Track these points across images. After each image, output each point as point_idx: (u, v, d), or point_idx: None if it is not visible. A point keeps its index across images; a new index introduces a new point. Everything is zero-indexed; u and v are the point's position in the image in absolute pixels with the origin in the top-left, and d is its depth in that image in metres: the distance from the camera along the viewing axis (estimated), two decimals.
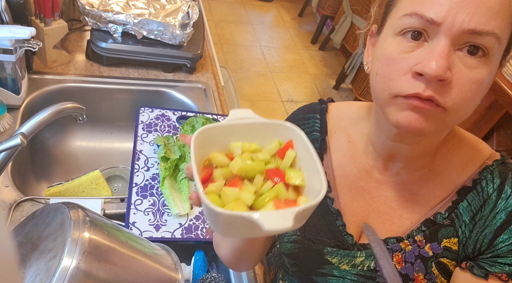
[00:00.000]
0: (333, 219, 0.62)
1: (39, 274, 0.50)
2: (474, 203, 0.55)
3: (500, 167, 0.56)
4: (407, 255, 0.57)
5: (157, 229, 0.82)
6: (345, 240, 0.61)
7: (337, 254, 0.61)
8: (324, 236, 0.62)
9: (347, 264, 0.60)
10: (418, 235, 0.57)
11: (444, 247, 0.56)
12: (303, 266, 0.64)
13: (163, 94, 1.21)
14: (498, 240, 0.53)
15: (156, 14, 1.17)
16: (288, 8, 3.86)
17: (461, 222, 0.55)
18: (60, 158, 1.16)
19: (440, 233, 0.56)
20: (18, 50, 0.91)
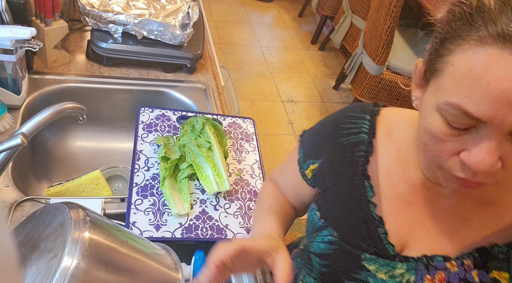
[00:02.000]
0: (374, 226, 0.59)
1: (40, 274, 0.50)
2: None
3: None
4: (451, 276, 0.55)
5: (157, 229, 0.82)
6: (386, 249, 0.58)
7: (375, 261, 0.59)
8: (363, 241, 0.60)
9: (385, 273, 0.58)
10: (468, 259, 0.54)
11: (493, 279, 0.53)
12: (336, 268, 0.62)
13: (163, 94, 1.21)
14: None
15: (156, 15, 1.18)
16: (288, 8, 3.86)
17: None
18: (60, 158, 1.16)
19: (492, 263, 0.53)
20: (19, 50, 0.91)
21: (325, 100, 2.99)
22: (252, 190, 0.97)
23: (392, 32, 2.13)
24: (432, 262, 0.56)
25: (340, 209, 0.63)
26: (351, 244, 0.60)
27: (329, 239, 0.63)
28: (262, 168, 1.04)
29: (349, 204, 0.62)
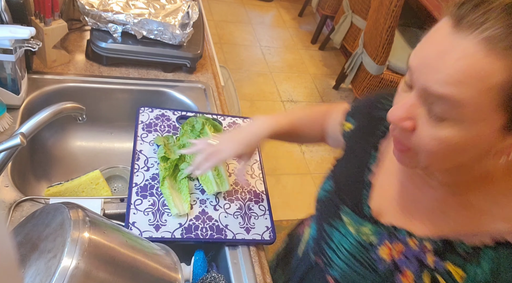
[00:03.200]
0: (362, 187, 0.67)
1: (39, 274, 0.50)
2: (504, 258, 0.52)
3: None
4: (408, 251, 0.59)
5: (157, 229, 0.82)
6: (363, 209, 0.65)
7: (350, 216, 0.66)
8: (348, 197, 0.68)
9: (354, 228, 0.65)
10: (429, 244, 0.57)
11: (447, 270, 0.55)
12: (322, 212, 0.72)
13: (163, 94, 1.21)
14: None
15: (156, 14, 1.17)
16: (288, 8, 3.86)
17: (477, 264, 0.53)
18: (60, 158, 1.16)
19: (450, 256, 0.56)
20: (18, 50, 0.91)
21: (325, 100, 2.99)
22: (252, 190, 0.97)
23: (392, 31, 2.13)
24: (396, 233, 0.61)
25: (344, 167, 0.72)
26: (339, 196, 0.69)
27: (327, 189, 0.73)
28: (262, 168, 1.04)
29: (353, 165, 0.70)
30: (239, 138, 0.83)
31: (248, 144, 0.82)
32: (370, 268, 0.62)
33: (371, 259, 0.62)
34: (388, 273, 0.60)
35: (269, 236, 0.88)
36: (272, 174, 2.34)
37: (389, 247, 0.61)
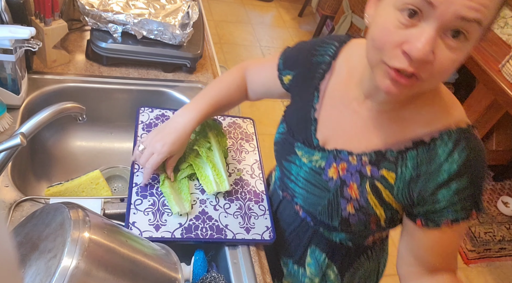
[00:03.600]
0: (310, 124, 0.78)
1: (39, 274, 0.50)
2: (423, 155, 0.65)
3: (459, 134, 0.64)
4: (350, 167, 0.72)
5: (157, 229, 0.82)
6: (312, 141, 0.77)
7: (303, 149, 0.79)
8: (299, 134, 0.80)
9: (306, 158, 0.78)
10: (366, 157, 0.70)
11: (382, 175, 0.69)
12: (280, 152, 0.84)
13: (163, 94, 1.21)
14: (439, 192, 0.64)
15: (156, 14, 1.17)
16: (288, 8, 3.86)
17: (403, 164, 0.67)
18: (60, 158, 1.16)
19: (383, 164, 0.69)
20: (18, 50, 0.91)
21: None
22: (252, 190, 0.97)
23: None
24: (340, 155, 0.73)
25: (293, 111, 0.83)
26: (292, 135, 0.81)
27: (281, 131, 0.84)
28: (262, 168, 1.04)
29: (300, 107, 0.81)
30: (167, 138, 0.86)
31: (177, 142, 0.86)
32: (323, 188, 0.75)
33: (323, 180, 0.74)
34: (338, 188, 0.72)
35: (269, 236, 0.88)
36: None
37: (335, 168, 0.73)
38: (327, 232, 0.83)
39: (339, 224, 0.75)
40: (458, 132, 0.64)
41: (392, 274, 2.15)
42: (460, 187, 0.64)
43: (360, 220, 0.73)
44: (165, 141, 0.85)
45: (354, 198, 0.72)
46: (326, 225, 0.79)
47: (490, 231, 2.43)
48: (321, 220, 0.78)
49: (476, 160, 0.64)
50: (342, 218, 0.74)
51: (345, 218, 0.73)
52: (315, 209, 0.77)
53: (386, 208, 0.70)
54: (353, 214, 0.72)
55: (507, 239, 2.42)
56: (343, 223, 0.74)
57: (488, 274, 2.23)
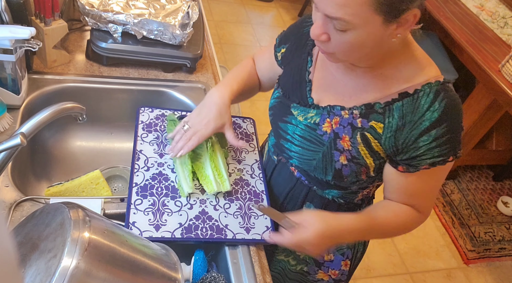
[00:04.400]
0: (304, 86, 0.87)
1: (39, 274, 0.50)
2: (407, 106, 0.74)
3: (439, 86, 0.73)
4: (342, 120, 0.80)
5: (157, 229, 0.82)
6: (307, 101, 0.85)
7: (298, 108, 0.86)
8: (295, 96, 0.87)
9: (302, 116, 0.85)
10: (356, 110, 0.78)
11: (371, 126, 0.77)
12: (276, 115, 0.91)
13: (163, 94, 1.21)
14: (420, 139, 0.73)
15: (156, 14, 1.17)
16: (288, 8, 3.86)
17: (390, 115, 0.75)
18: (60, 158, 1.16)
19: (372, 116, 0.77)
20: (18, 50, 0.91)
21: None
22: (252, 190, 0.97)
23: None
24: (333, 110, 0.81)
25: (288, 76, 0.91)
26: (288, 97, 0.89)
27: (276, 96, 0.92)
28: (262, 168, 1.04)
29: (295, 72, 0.89)
30: (210, 114, 0.90)
31: (220, 116, 0.91)
32: (318, 142, 0.82)
33: (318, 135, 0.82)
34: (331, 141, 0.81)
35: (269, 236, 0.88)
36: None
37: (329, 122, 0.81)
38: (320, 190, 0.90)
39: (333, 177, 0.83)
40: (437, 84, 0.73)
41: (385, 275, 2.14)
42: (439, 133, 0.72)
43: (352, 171, 0.81)
44: (209, 117, 0.90)
45: (346, 149, 0.79)
46: (320, 182, 0.88)
47: (490, 231, 2.43)
48: (315, 177, 0.86)
49: (454, 109, 0.73)
50: (336, 170, 0.81)
51: (338, 169, 0.81)
52: (310, 165, 0.85)
53: (375, 158, 0.79)
54: (345, 164, 0.80)
55: (507, 239, 2.42)
56: (336, 175, 0.82)
57: (488, 274, 2.23)
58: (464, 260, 2.26)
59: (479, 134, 2.41)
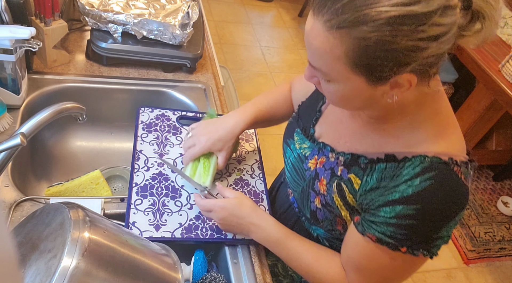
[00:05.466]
0: (313, 114, 0.83)
1: (39, 274, 0.50)
2: (389, 171, 0.65)
3: (434, 164, 0.61)
4: (327, 163, 0.76)
5: (157, 229, 0.82)
6: (309, 131, 0.82)
7: (299, 135, 0.83)
8: (302, 121, 0.85)
9: (298, 144, 0.83)
10: (342, 157, 0.73)
11: (349, 178, 0.70)
12: (285, 133, 0.89)
13: (163, 94, 1.21)
14: (383, 209, 0.63)
15: (156, 14, 1.17)
16: (288, 8, 3.86)
17: (369, 174, 0.67)
18: (60, 158, 1.16)
19: (353, 168, 0.70)
20: (18, 50, 0.91)
21: None
22: (252, 190, 0.97)
23: None
24: (323, 149, 0.77)
25: (308, 100, 0.88)
26: (297, 121, 0.86)
27: (293, 115, 0.89)
28: (262, 168, 1.04)
29: (313, 97, 0.86)
30: (213, 134, 0.90)
31: (221, 140, 0.90)
32: (301, 176, 0.80)
33: (303, 169, 0.80)
34: (311, 179, 0.77)
35: None
36: (272, 174, 2.34)
37: (316, 159, 0.78)
38: (308, 223, 0.85)
39: (310, 215, 0.79)
40: (432, 161, 0.61)
41: None
42: (404, 213, 0.61)
43: (327, 218, 0.75)
44: (210, 136, 0.89)
45: (322, 193, 0.75)
46: (305, 215, 0.83)
47: (490, 231, 2.43)
48: (300, 208, 0.83)
49: (438, 197, 0.60)
50: (311, 210, 0.78)
51: (313, 210, 0.77)
52: (294, 194, 0.84)
53: (351, 212, 0.71)
54: (319, 208, 0.76)
55: (507, 239, 2.42)
56: (312, 215, 0.78)
57: (488, 274, 2.23)
58: (464, 260, 2.26)
59: (479, 134, 2.41)
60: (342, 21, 0.52)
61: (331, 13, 0.53)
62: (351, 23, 0.52)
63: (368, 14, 0.50)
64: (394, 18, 0.50)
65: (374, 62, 0.54)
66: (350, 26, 0.52)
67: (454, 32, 0.54)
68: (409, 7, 0.50)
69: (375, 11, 0.50)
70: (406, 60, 0.53)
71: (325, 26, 0.54)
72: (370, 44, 0.52)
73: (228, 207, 0.80)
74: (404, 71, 0.55)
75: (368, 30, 0.51)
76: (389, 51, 0.52)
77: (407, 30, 0.51)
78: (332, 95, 0.63)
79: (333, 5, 0.53)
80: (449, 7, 0.51)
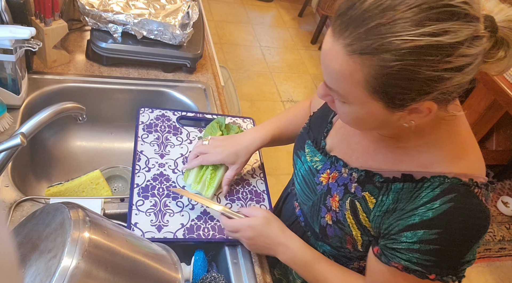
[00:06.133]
0: (325, 126, 0.81)
1: (39, 274, 0.50)
2: (406, 191, 0.63)
3: (454, 185, 0.60)
4: (340, 178, 0.73)
5: (159, 229, 0.82)
6: (320, 143, 0.79)
7: (310, 147, 0.81)
8: (314, 133, 0.82)
9: (309, 156, 0.80)
10: (356, 174, 0.70)
11: (363, 196, 0.68)
12: (296, 144, 0.87)
13: (163, 94, 1.21)
14: (404, 234, 0.61)
15: (156, 14, 1.17)
16: (288, 8, 3.86)
17: (385, 194, 0.65)
18: (60, 158, 1.16)
19: (368, 186, 0.68)
20: (18, 50, 0.91)
21: None
22: (253, 190, 0.97)
23: None
24: (336, 163, 0.74)
25: (320, 111, 0.85)
26: (308, 132, 0.83)
27: (304, 126, 0.87)
28: (262, 168, 1.04)
29: (326, 108, 0.83)
30: (229, 147, 0.90)
31: (236, 154, 0.89)
32: (312, 190, 0.78)
33: (314, 182, 0.77)
34: (323, 194, 0.75)
35: None
36: (272, 174, 2.34)
37: (328, 174, 0.75)
38: (313, 239, 0.83)
39: (319, 231, 0.77)
40: (452, 183, 0.60)
41: None
42: (426, 238, 0.59)
43: (337, 235, 0.73)
44: (226, 148, 0.90)
45: (334, 209, 0.72)
46: (312, 230, 0.80)
47: (490, 231, 2.43)
48: (308, 222, 0.80)
49: (459, 220, 0.58)
50: (321, 225, 0.75)
51: (322, 226, 0.75)
52: (303, 208, 0.81)
53: (363, 232, 0.69)
54: (330, 224, 0.73)
55: (507, 239, 2.42)
56: (321, 231, 0.76)
57: (488, 274, 2.23)
58: None
59: (479, 134, 2.41)
60: (365, 47, 0.50)
61: (354, 37, 0.51)
62: (374, 49, 0.50)
63: (393, 42, 0.48)
64: (420, 48, 0.48)
65: (395, 90, 0.52)
66: (373, 53, 0.50)
67: (479, 61, 0.52)
68: (437, 37, 0.48)
69: (400, 40, 0.48)
70: (428, 89, 0.52)
71: (345, 50, 0.52)
72: (392, 72, 0.50)
73: (257, 227, 0.79)
74: (424, 99, 0.53)
75: (391, 58, 0.49)
76: (412, 80, 0.51)
77: (433, 61, 0.49)
78: (347, 116, 0.61)
79: (356, 30, 0.50)
80: (477, 38, 0.50)
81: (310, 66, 3.28)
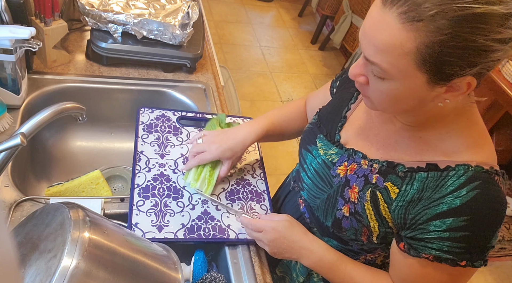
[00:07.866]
0: (338, 120, 0.80)
1: (39, 274, 0.50)
2: (431, 180, 0.64)
3: (478, 173, 0.62)
4: (359, 170, 0.73)
5: (159, 230, 0.82)
6: (334, 137, 0.79)
7: (323, 141, 0.81)
8: (325, 127, 0.82)
9: (323, 150, 0.80)
10: (377, 164, 0.71)
11: (385, 187, 0.69)
12: (303, 140, 0.86)
13: (163, 94, 1.21)
14: (433, 222, 0.63)
15: (156, 14, 1.17)
16: (288, 8, 3.86)
17: (409, 184, 0.66)
18: (60, 158, 1.16)
19: (390, 176, 0.68)
20: (18, 50, 0.91)
21: None
22: (253, 190, 0.97)
23: None
24: (354, 155, 0.75)
25: (329, 105, 0.86)
26: (319, 127, 0.83)
27: (312, 122, 0.87)
28: (262, 167, 1.04)
29: (336, 103, 0.84)
30: (224, 142, 0.90)
31: (231, 149, 0.90)
32: (327, 182, 0.77)
33: (330, 175, 0.77)
34: (340, 186, 0.75)
35: None
36: (273, 174, 2.34)
37: (345, 166, 0.75)
38: (320, 235, 0.83)
39: (332, 224, 0.76)
40: (477, 170, 0.62)
41: None
42: (456, 225, 0.61)
43: (352, 227, 0.73)
44: (221, 144, 0.89)
45: (352, 201, 0.72)
46: (321, 225, 0.81)
47: None
48: (317, 217, 0.80)
49: (484, 206, 0.60)
50: (336, 218, 0.75)
51: (338, 219, 0.75)
52: (314, 202, 0.80)
53: (381, 224, 0.70)
54: (346, 216, 0.73)
55: (507, 239, 2.42)
56: (335, 224, 0.76)
57: (488, 274, 2.23)
58: None
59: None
60: (421, 14, 0.50)
61: (410, 5, 0.51)
62: (431, 16, 0.50)
63: (451, 9, 0.49)
64: (476, 15, 0.49)
65: (445, 58, 0.52)
66: (430, 20, 0.50)
67: None
68: (493, 6, 0.49)
69: (458, 6, 0.49)
70: (477, 59, 0.52)
71: (399, 18, 0.52)
72: (447, 39, 0.51)
73: (280, 229, 0.79)
74: (469, 72, 0.54)
75: (448, 24, 0.50)
76: (464, 49, 0.51)
77: (487, 29, 0.50)
78: (382, 94, 0.61)
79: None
80: None
81: (310, 66, 3.28)
